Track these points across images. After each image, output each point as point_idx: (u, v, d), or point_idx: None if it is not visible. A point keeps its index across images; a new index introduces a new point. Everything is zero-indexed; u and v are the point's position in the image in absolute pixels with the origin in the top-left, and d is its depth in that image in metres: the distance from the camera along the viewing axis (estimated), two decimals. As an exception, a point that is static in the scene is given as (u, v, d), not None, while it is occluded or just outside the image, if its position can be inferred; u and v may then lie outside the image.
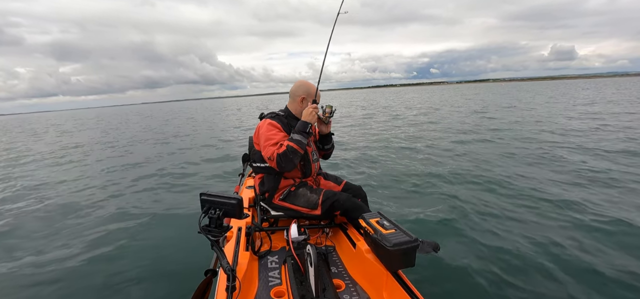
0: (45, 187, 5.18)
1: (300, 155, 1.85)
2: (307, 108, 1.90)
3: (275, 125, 1.93)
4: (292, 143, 1.81)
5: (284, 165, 1.83)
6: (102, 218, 3.56)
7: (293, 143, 1.81)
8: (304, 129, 1.85)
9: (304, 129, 1.85)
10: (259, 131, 1.99)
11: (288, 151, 1.80)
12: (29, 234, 3.24)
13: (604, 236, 2.59)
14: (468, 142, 7.26)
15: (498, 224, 2.88)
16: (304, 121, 1.87)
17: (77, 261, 2.59)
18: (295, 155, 1.83)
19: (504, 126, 9.53)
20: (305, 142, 1.85)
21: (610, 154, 5.31)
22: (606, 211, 3.07)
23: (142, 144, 10.26)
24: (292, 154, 1.81)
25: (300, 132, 1.84)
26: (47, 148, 10.28)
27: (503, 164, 5.13)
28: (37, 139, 14.28)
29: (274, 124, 1.94)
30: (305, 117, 1.88)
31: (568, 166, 4.71)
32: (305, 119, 1.87)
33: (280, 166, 1.83)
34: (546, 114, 12.30)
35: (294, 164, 1.85)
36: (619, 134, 7.20)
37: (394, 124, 11.88)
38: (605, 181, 3.97)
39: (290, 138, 1.84)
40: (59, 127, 22.01)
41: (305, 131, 1.84)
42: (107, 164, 6.90)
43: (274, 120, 1.96)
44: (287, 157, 1.81)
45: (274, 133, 1.90)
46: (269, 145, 1.87)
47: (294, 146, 1.81)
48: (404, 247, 1.37)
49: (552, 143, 6.58)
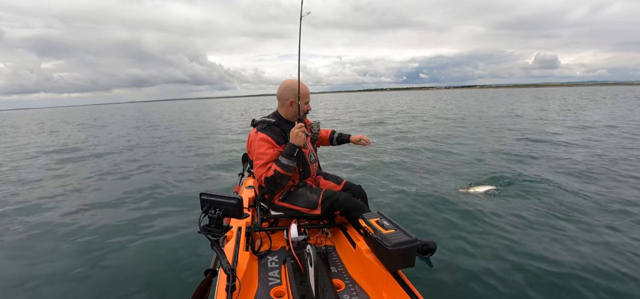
0: (29, 190, 5.18)
1: (288, 177, 1.84)
2: (294, 129, 1.81)
3: (267, 140, 1.86)
4: (279, 168, 1.79)
5: (272, 188, 1.85)
6: (102, 218, 3.56)
7: (280, 168, 1.79)
8: (291, 153, 1.80)
9: (292, 154, 1.80)
10: (251, 143, 1.98)
11: (276, 175, 1.79)
12: (27, 233, 3.24)
13: (603, 230, 2.59)
14: (469, 142, 7.27)
15: (498, 223, 2.88)
16: (292, 144, 1.81)
17: (76, 263, 2.58)
18: (283, 178, 1.82)
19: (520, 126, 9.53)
20: (293, 165, 1.82)
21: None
22: (609, 204, 3.08)
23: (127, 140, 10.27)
24: (279, 178, 1.81)
25: (288, 156, 1.80)
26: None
27: (503, 165, 5.13)
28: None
29: (266, 139, 1.86)
30: (293, 139, 1.80)
31: (572, 166, 4.72)
32: (293, 142, 1.80)
33: (269, 188, 1.84)
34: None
35: (282, 186, 1.87)
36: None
37: (393, 125, 11.90)
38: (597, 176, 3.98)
39: (277, 162, 1.81)
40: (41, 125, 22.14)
41: (293, 155, 1.80)
42: (103, 162, 6.90)
43: (265, 132, 1.89)
44: (275, 181, 1.81)
45: (264, 151, 1.85)
46: (258, 165, 1.86)
47: (281, 172, 1.79)
48: (404, 247, 1.37)
49: (555, 143, 6.59)
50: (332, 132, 2.42)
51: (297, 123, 1.84)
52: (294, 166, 1.84)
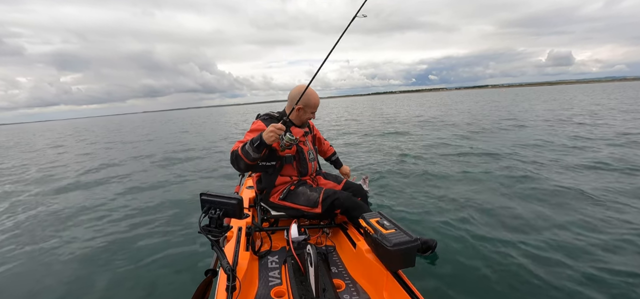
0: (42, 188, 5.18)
1: (245, 163, 1.77)
2: (271, 126, 1.69)
3: (259, 126, 1.89)
4: (240, 151, 1.76)
5: (232, 163, 1.84)
6: (100, 218, 3.57)
7: (240, 151, 1.76)
8: (255, 141, 1.71)
9: (255, 143, 1.70)
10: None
11: (236, 153, 1.78)
12: (26, 232, 3.24)
13: (606, 227, 2.59)
14: (472, 140, 7.26)
15: (498, 223, 2.88)
16: (262, 135, 1.70)
17: (75, 263, 2.59)
18: (238, 160, 1.78)
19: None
20: (253, 156, 1.73)
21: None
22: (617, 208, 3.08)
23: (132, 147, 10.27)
24: (236, 158, 1.78)
25: (252, 144, 1.71)
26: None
27: (505, 164, 5.12)
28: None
29: (259, 125, 1.90)
30: (265, 132, 1.69)
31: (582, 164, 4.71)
32: (264, 136, 1.69)
33: (230, 161, 1.85)
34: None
35: (239, 167, 1.82)
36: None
37: (393, 126, 11.87)
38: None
39: (243, 145, 1.77)
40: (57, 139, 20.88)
41: (254, 144, 1.70)
42: (100, 164, 6.91)
43: (265, 122, 1.91)
44: (233, 158, 1.81)
45: (249, 132, 1.90)
46: (240, 140, 1.88)
47: (240, 154, 1.76)
48: (404, 247, 1.37)
49: (557, 143, 6.58)
50: (333, 152, 2.61)
51: (280, 125, 1.71)
52: (255, 158, 1.75)
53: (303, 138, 2.08)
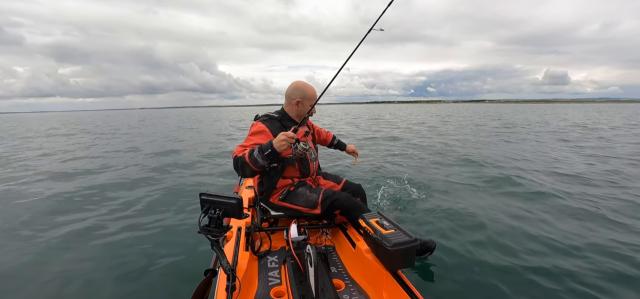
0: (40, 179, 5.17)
1: (251, 170, 1.75)
2: (282, 135, 1.67)
3: (263, 129, 1.86)
4: (247, 158, 1.71)
5: (235, 169, 1.80)
6: (99, 218, 3.56)
7: (248, 158, 1.71)
8: (265, 150, 1.68)
9: (265, 151, 1.68)
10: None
11: (242, 159, 1.73)
12: (23, 228, 3.24)
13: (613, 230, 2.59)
14: (471, 142, 7.26)
15: (499, 223, 2.88)
16: (272, 143, 1.68)
17: (75, 263, 2.58)
18: (244, 167, 1.74)
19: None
20: (262, 164, 1.71)
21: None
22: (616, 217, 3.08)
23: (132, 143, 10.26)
24: (242, 165, 1.74)
25: (261, 152, 1.69)
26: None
27: (505, 163, 5.13)
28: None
29: (262, 128, 1.87)
30: (276, 141, 1.67)
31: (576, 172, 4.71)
32: (275, 144, 1.66)
33: (234, 167, 1.81)
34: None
35: (244, 173, 1.79)
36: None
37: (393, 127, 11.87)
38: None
39: (250, 151, 1.73)
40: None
41: (264, 153, 1.68)
42: (99, 160, 6.90)
43: (266, 124, 1.90)
44: (238, 164, 1.76)
45: (252, 135, 1.86)
46: (241, 144, 1.84)
47: (247, 161, 1.71)
48: (404, 247, 1.37)
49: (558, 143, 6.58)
50: (333, 137, 2.57)
51: (292, 133, 1.71)
52: (263, 165, 1.73)
53: (304, 138, 2.08)
